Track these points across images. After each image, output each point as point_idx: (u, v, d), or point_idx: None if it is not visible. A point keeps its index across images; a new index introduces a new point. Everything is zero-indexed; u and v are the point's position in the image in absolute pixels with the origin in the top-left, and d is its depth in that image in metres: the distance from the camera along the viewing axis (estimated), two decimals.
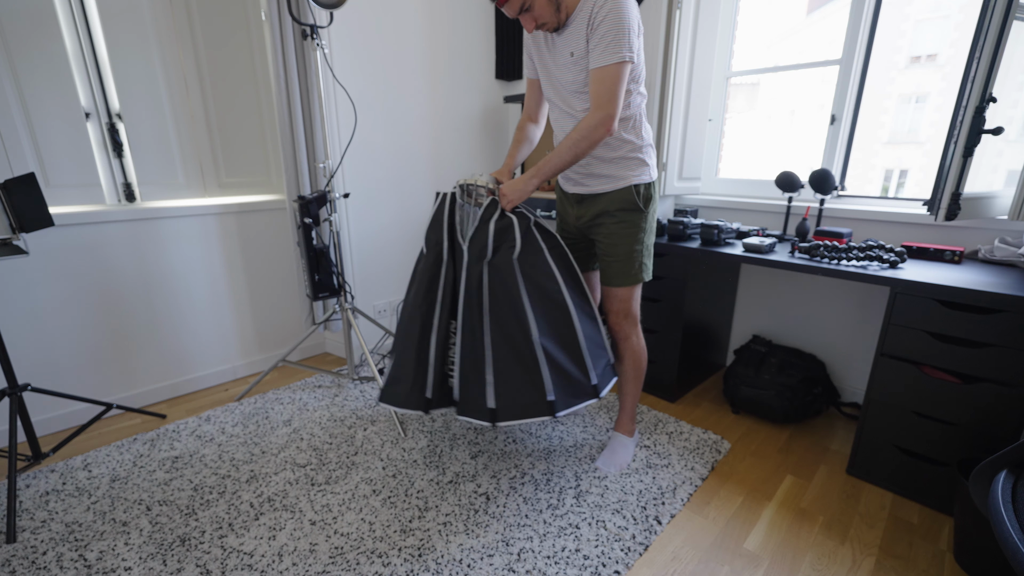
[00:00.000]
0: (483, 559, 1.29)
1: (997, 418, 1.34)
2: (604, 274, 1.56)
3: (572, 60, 1.35)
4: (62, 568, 1.26)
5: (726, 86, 2.37)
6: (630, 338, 1.60)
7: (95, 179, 1.93)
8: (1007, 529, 0.87)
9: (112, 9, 1.88)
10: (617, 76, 1.27)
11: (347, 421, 1.95)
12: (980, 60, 1.40)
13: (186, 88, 2.09)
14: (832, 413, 2.07)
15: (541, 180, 1.40)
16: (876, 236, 1.91)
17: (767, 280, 2.25)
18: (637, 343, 1.62)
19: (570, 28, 1.33)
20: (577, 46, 1.32)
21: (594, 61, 1.28)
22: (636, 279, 1.53)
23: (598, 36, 1.26)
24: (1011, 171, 1.61)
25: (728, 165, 2.52)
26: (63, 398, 1.85)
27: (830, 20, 11.44)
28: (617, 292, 1.54)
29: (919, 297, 1.41)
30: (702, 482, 1.62)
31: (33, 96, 1.76)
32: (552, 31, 1.37)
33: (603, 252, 1.54)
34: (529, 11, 1.31)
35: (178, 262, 2.09)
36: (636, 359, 1.63)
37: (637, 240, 1.50)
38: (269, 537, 1.36)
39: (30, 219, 1.45)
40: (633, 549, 1.33)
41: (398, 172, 2.52)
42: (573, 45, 1.33)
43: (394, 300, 2.67)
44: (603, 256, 1.54)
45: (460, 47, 2.65)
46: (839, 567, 1.30)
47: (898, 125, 11.07)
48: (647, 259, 1.55)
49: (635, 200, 1.46)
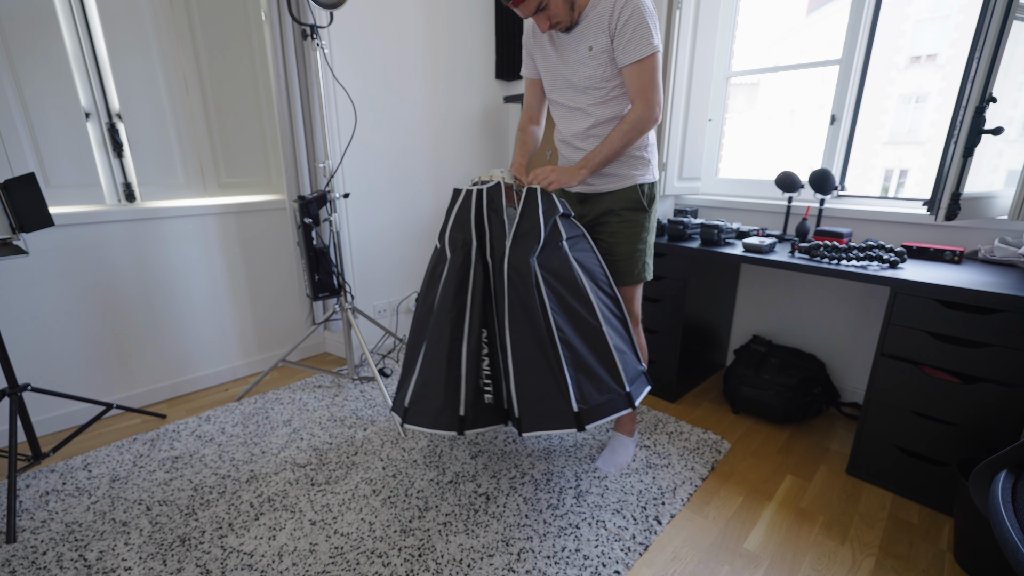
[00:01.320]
0: (483, 559, 1.29)
1: (997, 418, 1.34)
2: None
3: (590, 55, 1.35)
4: (62, 568, 1.26)
5: (726, 86, 2.37)
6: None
7: (95, 179, 1.93)
8: (1007, 529, 0.87)
9: (112, 9, 1.88)
10: (653, 66, 1.31)
11: (347, 421, 1.95)
12: (980, 60, 1.40)
13: (186, 88, 2.09)
14: (832, 413, 2.07)
15: (590, 171, 1.41)
16: (876, 236, 1.91)
17: (767, 280, 2.25)
18: (639, 342, 1.62)
19: (583, 24, 1.35)
20: (596, 40, 1.33)
21: (629, 56, 1.30)
22: (639, 278, 1.54)
23: (628, 32, 1.28)
24: (1011, 171, 1.61)
25: (728, 165, 2.52)
26: (63, 398, 1.85)
27: (830, 20, 11.44)
28: (620, 291, 1.55)
29: (919, 297, 1.41)
30: (702, 482, 1.62)
31: (33, 96, 1.76)
32: (564, 30, 1.38)
33: (606, 251, 1.54)
34: (544, 10, 1.31)
35: (178, 262, 2.09)
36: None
37: (640, 239, 1.52)
38: (269, 537, 1.36)
39: (30, 219, 1.45)
40: (633, 549, 1.33)
41: (398, 172, 2.52)
42: (591, 40, 1.34)
43: (394, 300, 2.67)
44: (606, 255, 1.55)
45: (460, 47, 2.65)
46: (839, 567, 1.30)
47: (898, 125, 11.07)
48: (649, 259, 1.56)
49: (640, 199, 1.48)
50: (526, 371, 1.29)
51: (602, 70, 1.36)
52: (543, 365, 1.28)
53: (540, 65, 1.51)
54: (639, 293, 1.58)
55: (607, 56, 1.34)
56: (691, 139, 2.21)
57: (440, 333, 1.35)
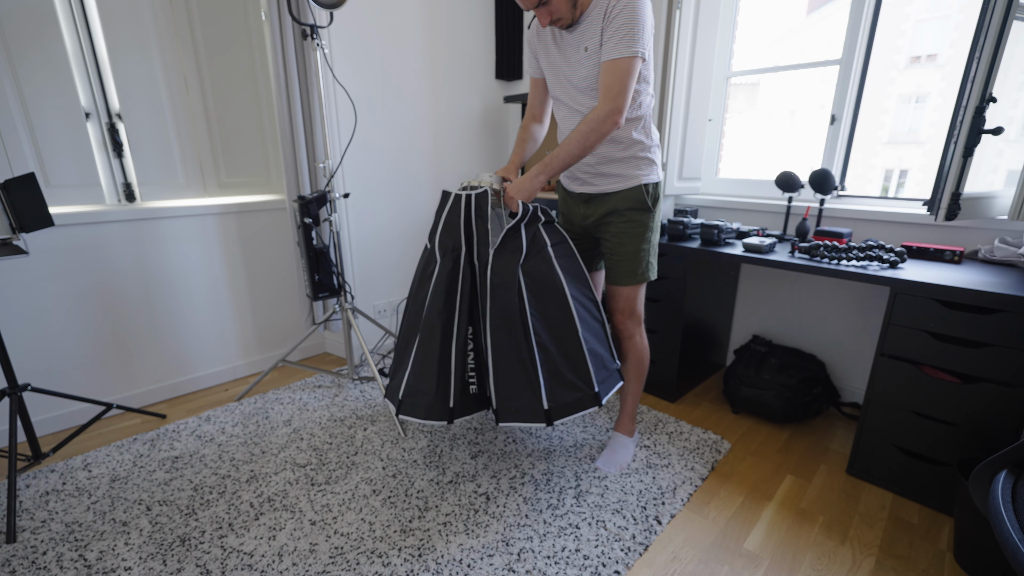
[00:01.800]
0: (483, 559, 1.29)
1: (997, 418, 1.34)
2: (611, 273, 1.56)
3: (586, 55, 1.34)
4: (62, 568, 1.26)
5: (726, 86, 2.37)
6: (634, 337, 1.61)
7: (95, 179, 1.93)
8: (1007, 529, 0.87)
9: (112, 9, 1.88)
10: (628, 69, 1.27)
11: (347, 421, 1.95)
12: (980, 60, 1.40)
13: (186, 88, 2.09)
14: (832, 413, 2.07)
15: (548, 176, 1.38)
16: (876, 236, 1.91)
17: (767, 280, 2.25)
18: (641, 342, 1.62)
19: (584, 24, 1.34)
20: (591, 41, 1.32)
21: (607, 53, 1.28)
22: (642, 278, 1.54)
23: (613, 28, 1.26)
24: (1011, 171, 1.61)
25: (728, 165, 2.52)
26: (63, 398, 1.85)
27: (830, 20, 11.44)
28: (623, 291, 1.55)
29: (919, 297, 1.41)
30: (702, 482, 1.62)
31: (33, 96, 1.76)
32: (565, 28, 1.37)
33: (610, 251, 1.54)
34: (546, 5, 1.30)
35: (178, 262, 2.09)
36: (639, 359, 1.63)
37: (644, 239, 1.51)
38: (269, 537, 1.36)
39: (30, 219, 1.45)
40: (633, 549, 1.33)
41: (398, 172, 2.52)
42: (587, 40, 1.33)
43: (394, 300, 2.67)
44: (610, 255, 1.55)
45: (460, 47, 2.65)
46: (839, 567, 1.30)
47: (898, 125, 11.07)
48: (653, 258, 1.56)
49: (644, 199, 1.47)
50: (504, 370, 1.40)
51: (597, 71, 1.35)
52: (519, 367, 1.39)
53: (543, 64, 1.50)
54: (642, 293, 1.58)
55: (598, 59, 1.32)
56: (691, 139, 2.21)
57: (431, 333, 1.45)
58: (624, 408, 1.72)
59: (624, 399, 1.71)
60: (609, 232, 1.53)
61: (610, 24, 1.26)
